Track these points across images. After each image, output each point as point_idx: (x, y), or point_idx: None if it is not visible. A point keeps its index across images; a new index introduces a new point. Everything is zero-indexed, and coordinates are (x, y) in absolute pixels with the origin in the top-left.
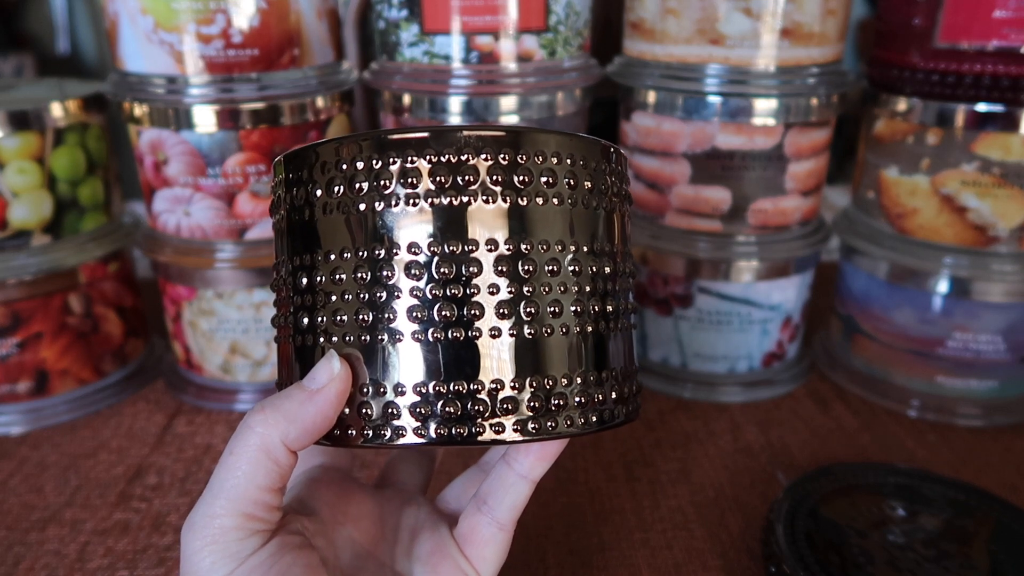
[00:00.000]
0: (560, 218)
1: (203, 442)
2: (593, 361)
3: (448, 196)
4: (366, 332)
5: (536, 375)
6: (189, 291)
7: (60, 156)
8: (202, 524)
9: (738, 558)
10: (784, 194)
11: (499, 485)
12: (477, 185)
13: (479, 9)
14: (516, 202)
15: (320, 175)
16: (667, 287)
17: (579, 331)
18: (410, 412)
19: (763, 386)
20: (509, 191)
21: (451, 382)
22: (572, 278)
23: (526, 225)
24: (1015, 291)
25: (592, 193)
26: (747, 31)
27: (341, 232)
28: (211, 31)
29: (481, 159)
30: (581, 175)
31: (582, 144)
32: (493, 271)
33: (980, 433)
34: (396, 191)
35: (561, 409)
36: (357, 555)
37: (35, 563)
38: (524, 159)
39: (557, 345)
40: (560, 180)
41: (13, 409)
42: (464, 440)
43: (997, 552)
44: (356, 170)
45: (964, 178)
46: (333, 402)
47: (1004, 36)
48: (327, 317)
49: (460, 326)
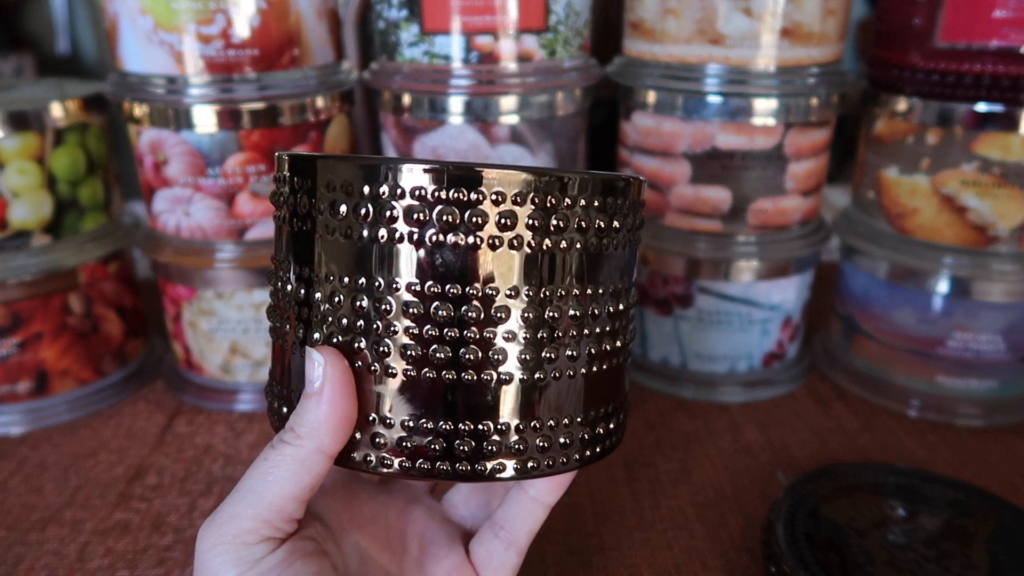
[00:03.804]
0: (568, 262)
1: (203, 442)
2: (593, 400)
3: (454, 236)
4: (359, 359)
5: (529, 418)
6: (189, 291)
7: (60, 156)
8: (220, 523)
9: (738, 558)
10: (784, 194)
11: (516, 512)
12: (486, 228)
13: (479, 9)
14: (525, 247)
15: (324, 192)
16: (667, 287)
17: (585, 372)
18: (397, 444)
19: (763, 386)
20: (519, 236)
21: (440, 421)
22: (577, 323)
23: (532, 270)
24: (1015, 291)
25: (608, 234)
26: (747, 31)
27: (342, 255)
28: (211, 31)
29: (492, 200)
30: (596, 217)
31: (601, 184)
32: (495, 316)
33: (980, 433)
34: (400, 225)
35: (561, 447)
36: (364, 562)
37: (35, 563)
38: (540, 203)
39: (558, 389)
40: (571, 225)
41: (13, 409)
42: (451, 477)
43: (997, 552)
44: (361, 197)
45: (964, 178)
46: (341, 389)
47: (1004, 36)
48: (321, 334)
49: (454, 368)
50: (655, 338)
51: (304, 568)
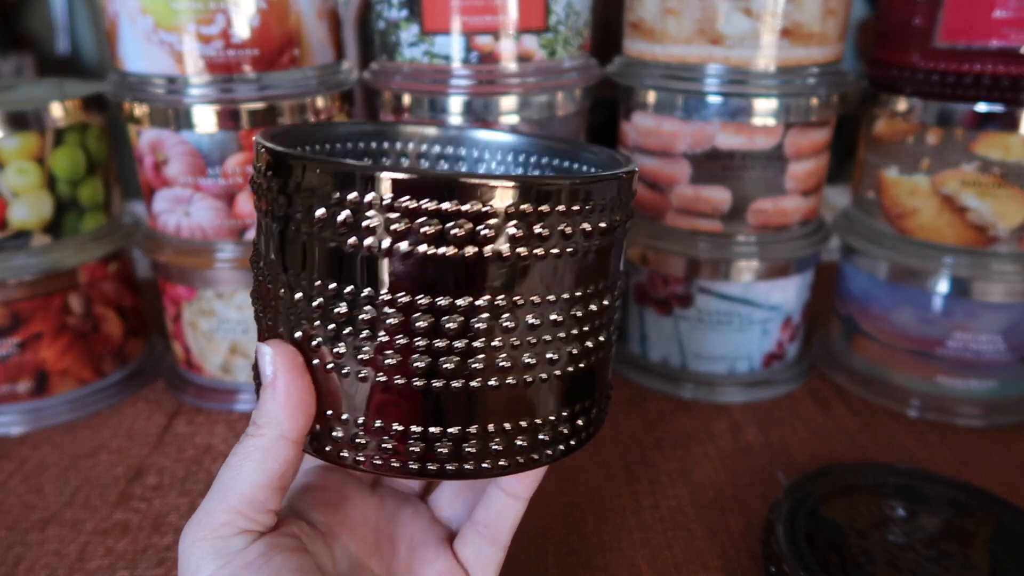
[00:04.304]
0: (551, 269)
1: (203, 442)
2: (576, 395)
3: (432, 246)
4: (334, 361)
5: (509, 420)
6: (189, 291)
7: (60, 156)
8: (197, 520)
9: (738, 558)
10: (784, 194)
11: (495, 509)
12: (465, 239)
13: (479, 9)
14: (506, 257)
15: (300, 193)
16: (667, 287)
17: (566, 372)
18: (376, 445)
19: (763, 386)
20: (498, 249)
21: (419, 425)
22: (554, 329)
23: (513, 279)
24: (1015, 291)
25: (594, 236)
26: (747, 31)
27: (316, 258)
28: (211, 31)
29: (472, 211)
30: (582, 221)
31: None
32: (473, 326)
33: (980, 433)
34: (377, 234)
35: (542, 444)
36: (353, 565)
37: (35, 563)
38: (523, 213)
39: (539, 391)
40: (555, 233)
41: (13, 409)
42: (432, 476)
43: (997, 552)
44: (338, 203)
45: (964, 178)
46: (292, 378)
47: (1004, 36)
48: (301, 335)
49: (432, 376)
50: (655, 338)
51: (284, 562)
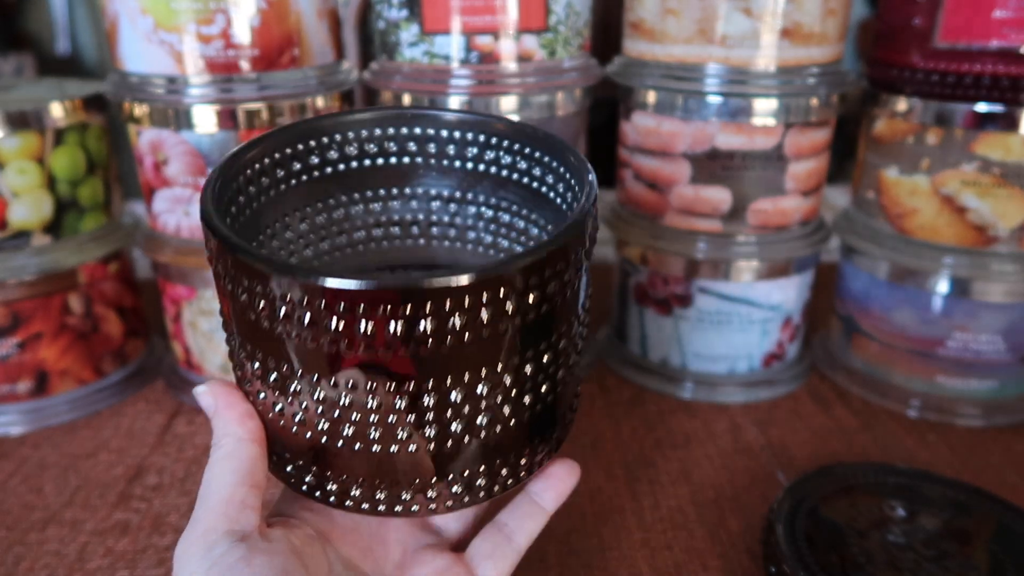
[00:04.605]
0: (504, 341)
1: (203, 442)
2: (539, 430)
3: (354, 349)
4: (275, 416)
5: (466, 468)
6: (189, 291)
7: (60, 156)
8: (186, 531)
9: (738, 558)
10: (784, 194)
11: (521, 514)
12: (391, 338)
13: (479, 9)
14: (445, 342)
15: (228, 272)
16: (667, 287)
17: (526, 417)
18: (329, 486)
19: (763, 386)
20: (415, 343)
21: (365, 478)
22: (514, 386)
23: (440, 368)
24: (1015, 291)
25: (554, 296)
26: (747, 31)
27: (250, 331)
28: (211, 31)
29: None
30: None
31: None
32: (417, 405)
33: (980, 433)
34: (293, 324)
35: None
36: (347, 567)
37: (35, 563)
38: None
39: (497, 438)
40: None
41: (13, 409)
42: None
43: (997, 552)
44: (261, 295)
45: (964, 178)
46: (229, 401)
47: (1004, 36)
48: (247, 385)
49: (381, 443)
50: (655, 338)
51: (267, 563)
